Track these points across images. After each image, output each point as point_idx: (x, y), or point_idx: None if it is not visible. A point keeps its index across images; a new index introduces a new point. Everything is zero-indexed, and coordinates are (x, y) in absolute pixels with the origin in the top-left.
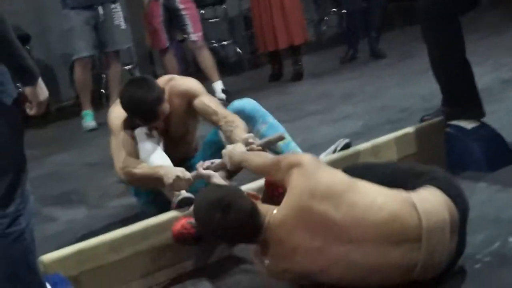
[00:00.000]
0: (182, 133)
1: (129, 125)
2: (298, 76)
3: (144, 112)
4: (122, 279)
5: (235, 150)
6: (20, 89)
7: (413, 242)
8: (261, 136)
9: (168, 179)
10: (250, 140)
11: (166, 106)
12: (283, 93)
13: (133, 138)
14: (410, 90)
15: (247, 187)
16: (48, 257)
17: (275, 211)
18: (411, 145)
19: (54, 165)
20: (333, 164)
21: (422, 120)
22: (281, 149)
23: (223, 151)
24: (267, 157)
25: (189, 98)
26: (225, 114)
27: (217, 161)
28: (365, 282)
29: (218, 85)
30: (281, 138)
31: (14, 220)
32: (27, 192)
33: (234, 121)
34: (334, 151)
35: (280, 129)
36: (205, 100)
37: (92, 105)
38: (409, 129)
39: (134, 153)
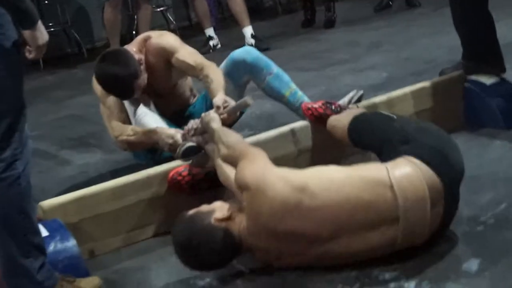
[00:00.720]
0: (169, 89)
1: None
2: (330, 24)
3: (120, 89)
4: (123, 227)
5: (210, 119)
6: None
7: (390, 223)
8: (266, 86)
9: (163, 146)
10: (220, 109)
11: (142, 78)
12: (313, 40)
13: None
14: (439, 41)
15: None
16: (47, 203)
17: (244, 224)
18: (427, 99)
19: (80, 106)
20: None
21: (441, 73)
22: (288, 100)
23: (202, 115)
24: (232, 147)
25: (166, 56)
26: (201, 67)
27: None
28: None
29: (248, 31)
30: (247, 105)
31: (10, 164)
32: (26, 136)
33: (208, 75)
34: (349, 103)
35: (285, 78)
36: (180, 56)
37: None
38: (426, 83)
39: (125, 117)
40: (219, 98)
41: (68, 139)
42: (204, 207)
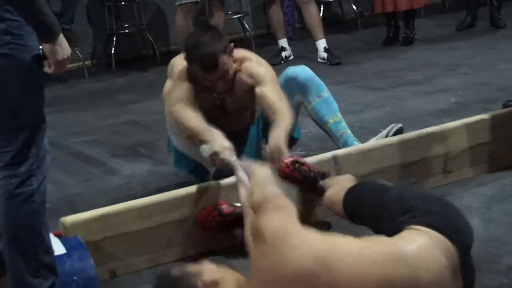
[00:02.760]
0: (238, 109)
1: (191, 77)
2: (408, 41)
3: (205, 57)
4: (147, 249)
5: (259, 174)
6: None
7: None
8: (312, 109)
9: (207, 152)
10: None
11: (228, 61)
12: (388, 57)
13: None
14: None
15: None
16: (70, 219)
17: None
18: (485, 133)
19: (141, 112)
20: (384, 149)
21: (504, 105)
22: (330, 128)
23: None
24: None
25: (254, 82)
26: (276, 110)
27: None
28: None
29: (321, 44)
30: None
31: (24, 180)
32: (43, 152)
33: (277, 121)
34: (386, 136)
35: (333, 106)
36: (264, 90)
37: None
38: (485, 115)
39: (188, 103)
40: (273, 146)
41: (120, 146)
42: (192, 267)
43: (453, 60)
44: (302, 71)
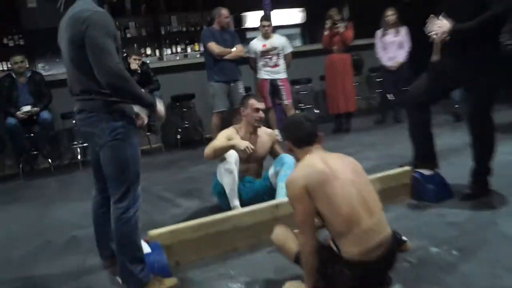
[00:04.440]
0: (256, 158)
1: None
2: (348, 130)
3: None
4: (197, 248)
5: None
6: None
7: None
8: (278, 173)
9: (240, 146)
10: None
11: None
12: (336, 139)
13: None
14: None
15: None
16: (152, 232)
17: None
18: (391, 181)
19: (194, 172)
20: None
21: (400, 166)
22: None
23: None
24: None
25: (273, 139)
26: (279, 158)
27: None
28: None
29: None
30: None
31: (126, 211)
32: (137, 195)
33: (280, 168)
34: None
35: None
36: (277, 147)
37: None
38: (390, 171)
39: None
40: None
41: (182, 190)
42: None
43: (372, 141)
44: (287, 156)
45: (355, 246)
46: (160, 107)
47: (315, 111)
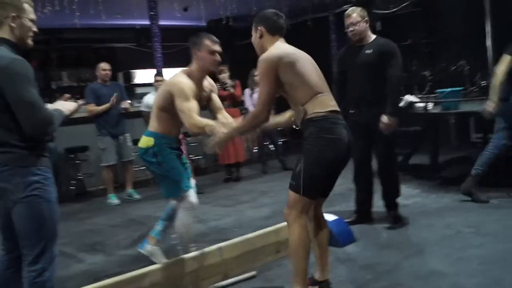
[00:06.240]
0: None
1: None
2: (238, 179)
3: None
4: None
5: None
6: None
7: None
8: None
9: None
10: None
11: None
12: (228, 188)
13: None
14: None
15: None
16: None
17: None
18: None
19: (93, 224)
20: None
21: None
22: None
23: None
24: None
25: (214, 90)
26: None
27: None
28: None
29: None
30: None
31: (40, 273)
32: (54, 255)
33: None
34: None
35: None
36: (215, 98)
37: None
38: None
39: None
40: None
41: (84, 245)
42: None
43: (264, 189)
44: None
45: (320, 107)
46: (67, 107)
47: (204, 161)
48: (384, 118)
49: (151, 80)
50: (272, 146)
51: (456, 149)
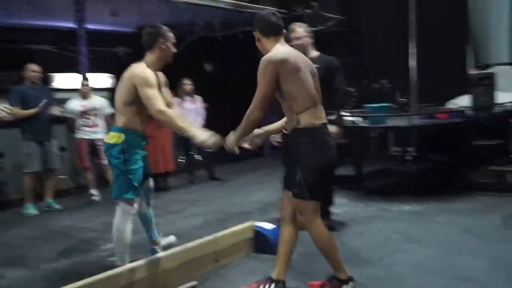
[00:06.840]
0: None
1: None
2: (165, 189)
3: None
4: None
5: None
6: None
7: None
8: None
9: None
10: None
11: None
12: (156, 198)
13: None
14: (231, 200)
15: None
16: None
17: None
18: (235, 236)
19: (11, 237)
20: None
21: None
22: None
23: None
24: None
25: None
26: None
27: None
28: None
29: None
30: None
31: None
32: None
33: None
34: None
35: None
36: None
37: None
38: (236, 227)
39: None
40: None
41: (1, 259)
42: None
43: (192, 198)
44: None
45: (314, 119)
46: None
47: None
48: (333, 128)
49: (72, 85)
50: (199, 155)
51: (377, 161)
